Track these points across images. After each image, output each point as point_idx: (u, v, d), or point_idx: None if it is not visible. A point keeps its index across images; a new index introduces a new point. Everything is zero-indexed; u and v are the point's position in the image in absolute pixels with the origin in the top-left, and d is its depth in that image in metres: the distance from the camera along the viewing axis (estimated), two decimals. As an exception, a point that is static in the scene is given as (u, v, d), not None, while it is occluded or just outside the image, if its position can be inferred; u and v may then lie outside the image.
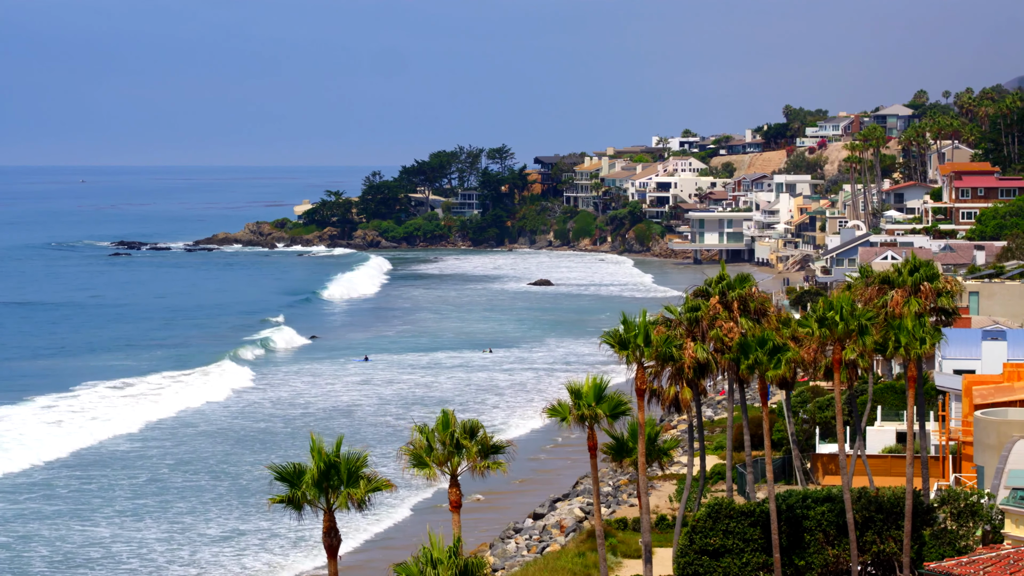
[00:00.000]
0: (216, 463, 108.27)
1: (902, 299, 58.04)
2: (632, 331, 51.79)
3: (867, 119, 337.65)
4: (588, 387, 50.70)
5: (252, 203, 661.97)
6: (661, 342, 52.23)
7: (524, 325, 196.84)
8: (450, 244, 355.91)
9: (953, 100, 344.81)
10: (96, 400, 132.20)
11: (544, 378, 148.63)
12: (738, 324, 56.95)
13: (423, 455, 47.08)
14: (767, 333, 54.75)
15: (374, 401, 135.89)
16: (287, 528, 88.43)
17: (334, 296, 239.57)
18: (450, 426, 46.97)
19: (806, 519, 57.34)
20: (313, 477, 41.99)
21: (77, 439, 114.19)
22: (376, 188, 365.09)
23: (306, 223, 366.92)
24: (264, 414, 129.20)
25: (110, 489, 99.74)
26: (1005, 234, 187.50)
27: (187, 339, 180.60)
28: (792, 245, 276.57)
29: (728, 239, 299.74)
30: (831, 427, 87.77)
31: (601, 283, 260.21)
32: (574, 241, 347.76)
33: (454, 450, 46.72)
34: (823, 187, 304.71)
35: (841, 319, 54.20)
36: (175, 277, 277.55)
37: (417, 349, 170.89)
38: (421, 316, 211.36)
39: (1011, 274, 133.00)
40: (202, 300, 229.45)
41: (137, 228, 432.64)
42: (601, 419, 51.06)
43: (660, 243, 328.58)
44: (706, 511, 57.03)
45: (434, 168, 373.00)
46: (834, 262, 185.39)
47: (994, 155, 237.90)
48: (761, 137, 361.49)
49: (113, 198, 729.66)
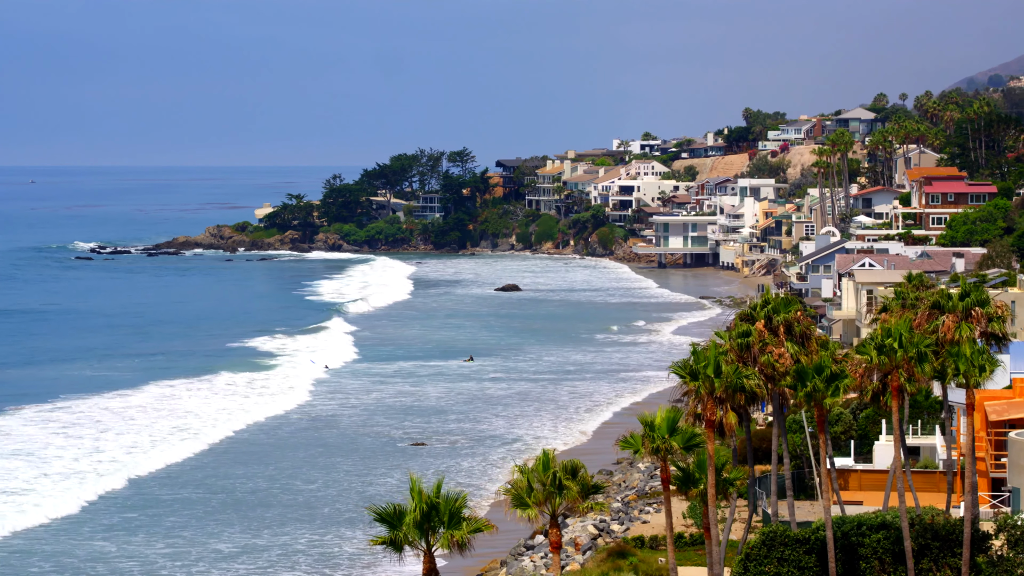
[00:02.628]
0: (203, 477, 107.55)
1: (953, 324, 58.21)
2: (702, 362, 51.64)
3: (829, 123, 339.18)
4: (661, 419, 50.48)
5: (206, 205, 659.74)
6: (731, 373, 52.07)
7: (498, 332, 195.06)
8: (412, 248, 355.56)
9: (913, 103, 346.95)
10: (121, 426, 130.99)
11: (550, 388, 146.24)
12: (784, 348, 56.84)
13: (524, 496, 46.74)
14: (824, 359, 54.74)
15: (358, 411, 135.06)
16: (306, 544, 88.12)
17: (360, 309, 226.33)
18: (551, 466, 46.67)
19: (861, 546, 57.28)
20: (415, 519, 41.65)
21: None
22: (337, 191, 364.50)
23: (267, 226, 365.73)
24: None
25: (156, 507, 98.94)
26: (975, 240, 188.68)
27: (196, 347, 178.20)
28: (758, 249, 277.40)
29: (693, 243, 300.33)
30: (839, 441, 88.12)
31: (572, 288, 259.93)
32: (536, 245, 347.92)
33: (555, 490, 46.41)
34: (786, 191, 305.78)
35: (900, 346, 54.24)
36: (165, 285, 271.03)
37: (380, 358, 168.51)
38: (380, 324, 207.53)
39: (994, 283, 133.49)
40: (207, 311, 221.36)
41: (96, 231, 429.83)
42: (675, 452, 50.83)
43: (623, 247, 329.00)
44: (761, 538, 56.91)
45: (395, 171, 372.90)
46: (809, 268, 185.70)
47: (961, 160, 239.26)
48: (723, 140, 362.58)
49: (66, 200, 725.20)
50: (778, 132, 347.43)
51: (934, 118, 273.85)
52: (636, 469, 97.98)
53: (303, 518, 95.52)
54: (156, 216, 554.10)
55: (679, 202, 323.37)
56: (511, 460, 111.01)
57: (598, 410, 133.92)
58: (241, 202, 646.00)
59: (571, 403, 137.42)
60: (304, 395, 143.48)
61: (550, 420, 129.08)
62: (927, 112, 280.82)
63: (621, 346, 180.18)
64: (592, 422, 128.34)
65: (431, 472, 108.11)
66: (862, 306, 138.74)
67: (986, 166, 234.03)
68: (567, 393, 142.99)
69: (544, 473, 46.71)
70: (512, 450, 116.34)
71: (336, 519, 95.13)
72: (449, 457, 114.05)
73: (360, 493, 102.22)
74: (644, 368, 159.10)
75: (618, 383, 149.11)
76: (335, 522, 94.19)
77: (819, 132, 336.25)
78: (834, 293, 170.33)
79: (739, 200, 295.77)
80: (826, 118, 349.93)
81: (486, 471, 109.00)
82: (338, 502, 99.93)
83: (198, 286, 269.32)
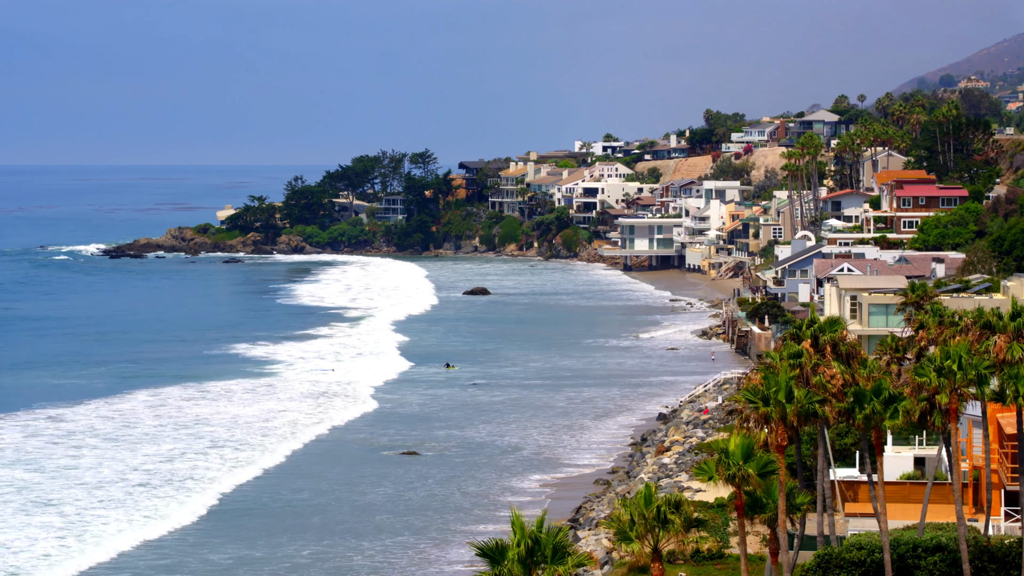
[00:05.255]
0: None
1: (1006, 344, 57.97)
2: (773, 387, 51.17)
3: (792, 124, 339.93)
4: (735, 446, 49.97)
5: (161, 205, 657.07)
6: (803, 398, 51.67)
7: (471, 338, 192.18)
8: (375, 250, 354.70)
9: (874, 105, 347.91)
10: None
11: (551, 394, 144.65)
12: (835, 368, 56.45)
13: (627, 529, 46.18)
14: (883, 382, 54.42)
15: (343, 416, 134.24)
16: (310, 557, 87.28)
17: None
18: (653, 500, 46.07)
19: (917, 569, 56.95)
20: (519, 554, 41.05)
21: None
22: (299, 193, 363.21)
23: (229, 228, 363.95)
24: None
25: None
26: (947, 244, 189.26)
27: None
28: (725, 252, 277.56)
29: (658, 245, 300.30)
30: (844, 453, 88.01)
31: (542, 291, 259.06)
32: (500, 247, 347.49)
33: (657, 524, 45.83)
34: (750, 193, 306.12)
35: (959, 368, 54.01)
36: (130, 289, 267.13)
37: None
38: (340, 326, 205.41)
39: (978, 288, 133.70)
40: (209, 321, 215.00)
41: (54, 232, 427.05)
42: (751, 480, 50.28)
43: (588, 249, 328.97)
44: (816, 561, 56.54)
45: (358, 173, 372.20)
46: (786, 273, 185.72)
47: (929, 163, 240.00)
48: (686, 142, 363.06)
49: (18, 200, 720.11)
50: (741, 134, 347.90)
51: (900, 121, 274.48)
52: (639, 480, 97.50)
53: (295, 528, 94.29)
54: (113, 217, 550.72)
55: (643, 204, 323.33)
56: (522, 470, 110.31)
57: (599, 417, 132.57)
58: (196, 202, 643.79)
59: (571, 410, 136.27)
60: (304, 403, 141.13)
61: (548, 428, 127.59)
62: (892, 115, 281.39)
63: (608, 350, 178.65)
64: (595, 429, 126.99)
65: (431, 482, 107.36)
66: (846, 312, 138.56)
67: (955, 169, 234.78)
68: (564, 399, 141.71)
69: (647, 507, 46.09)
70: (521, 459, 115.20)
71: (332, 529, 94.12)
72: (449, 467, 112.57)
73: (353, 503, 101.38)
74: (643, 374, 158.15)
75: (617, 388, 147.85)
76: (331, 533, 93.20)
77: (782, 134, 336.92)
78: (811, 298, 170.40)
79: (704, 202, 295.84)
80: (789, 120, 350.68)
81: (499, 480, 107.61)
82: (328, 511, 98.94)
83: (164, 290, 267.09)
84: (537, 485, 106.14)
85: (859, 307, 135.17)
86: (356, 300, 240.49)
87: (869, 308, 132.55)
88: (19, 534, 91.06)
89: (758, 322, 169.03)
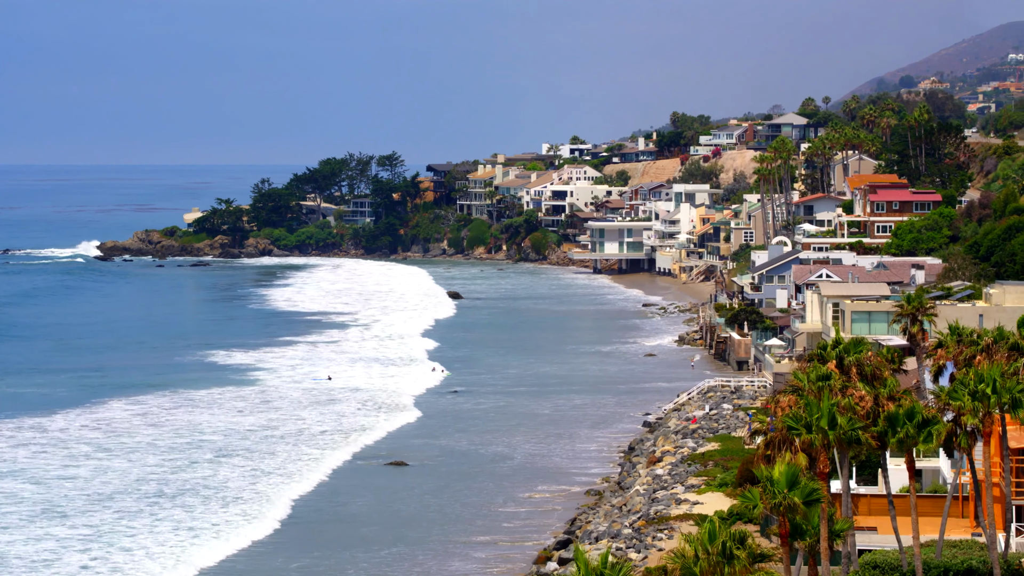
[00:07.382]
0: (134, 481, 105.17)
1: (1037, 367, 58.14)
2: (816, 413, 51.03)
3: (760, 127, 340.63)
4: (780, 474, 49.75)
5: (121, 206, 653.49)
6: (846, 424, 51.58)
7: (444, 344, 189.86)
8: (343, 252, 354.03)
9: (841, 108, 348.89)
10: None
11: (537, 402, 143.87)
12: (863, 391, 56.30)
13: (691, 565, 45.88)
14: (916, 405, 54.42)
15: (330, 419, 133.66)
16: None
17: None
18: (718, 535, 45.78)
19: (951, 594, 57.00)
20: None
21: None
22: (267, 196, 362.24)
23: (196, 231, 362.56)
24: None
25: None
26: (921, 249, 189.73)
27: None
28: (696, 255, 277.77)
29: (628, 248, 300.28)
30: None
31: (513, 296, 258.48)
32: (468, 250, 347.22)
33: (722, 560, 45.51)
34: (720, 196, 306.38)
35: (993, 392, 54.07)
36: (103, 295, 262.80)
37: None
38: (321, 332, 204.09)
39: (960, 296, 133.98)
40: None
41: (20, 235, 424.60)
42: (797, 508, 50.04)
43: (557, 252, 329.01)
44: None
45: (325, 175, 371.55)
46: (763, 279, 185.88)
47: (900, 167, 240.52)
48: (654, 145, 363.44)
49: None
50: (710, 137, 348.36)
51: (869, 124, 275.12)
52: (635, 492, 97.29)
53: (282, 542, 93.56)
54: (76, 218, 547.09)
55: (613, 207, 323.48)
56: (529, 480, 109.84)
57: (595, 425, 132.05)
58: (158, 204, 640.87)
59: (557, 418, 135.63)
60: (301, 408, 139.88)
61: (538, 436, 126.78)
62: (863, 119, 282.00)
63: (587, 356, 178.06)
64: (584, 438, 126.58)
65: (428, 495, 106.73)
66: (828, 319, 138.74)
67: (927, 173, 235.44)
68: (550, 407, 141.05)
69: (711, 543, 45.84)
70: (522, 467, 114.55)
71: (319, 540, 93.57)
72: (438, 477, 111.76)
73: (334, 514, 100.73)
74: (624, 380, 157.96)
75: (600, 395, 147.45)
76: (328, 545, 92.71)
77: (751, 137, 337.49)
78: (789, 304, 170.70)
79: (674, 205, 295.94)
80: (757, 122, 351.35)
81: (501, 490, 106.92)
82: (316, 521, 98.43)
83: (131, 295, 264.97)
84: (533, 495, 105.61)
85: (842, 314, 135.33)
86: (333, 305, 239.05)
87: (852, 315, 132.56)
88: (37, 546, 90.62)
89: (737, 328, 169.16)
